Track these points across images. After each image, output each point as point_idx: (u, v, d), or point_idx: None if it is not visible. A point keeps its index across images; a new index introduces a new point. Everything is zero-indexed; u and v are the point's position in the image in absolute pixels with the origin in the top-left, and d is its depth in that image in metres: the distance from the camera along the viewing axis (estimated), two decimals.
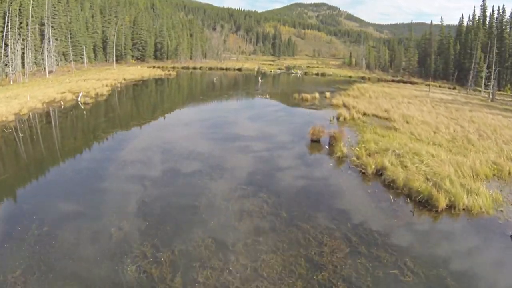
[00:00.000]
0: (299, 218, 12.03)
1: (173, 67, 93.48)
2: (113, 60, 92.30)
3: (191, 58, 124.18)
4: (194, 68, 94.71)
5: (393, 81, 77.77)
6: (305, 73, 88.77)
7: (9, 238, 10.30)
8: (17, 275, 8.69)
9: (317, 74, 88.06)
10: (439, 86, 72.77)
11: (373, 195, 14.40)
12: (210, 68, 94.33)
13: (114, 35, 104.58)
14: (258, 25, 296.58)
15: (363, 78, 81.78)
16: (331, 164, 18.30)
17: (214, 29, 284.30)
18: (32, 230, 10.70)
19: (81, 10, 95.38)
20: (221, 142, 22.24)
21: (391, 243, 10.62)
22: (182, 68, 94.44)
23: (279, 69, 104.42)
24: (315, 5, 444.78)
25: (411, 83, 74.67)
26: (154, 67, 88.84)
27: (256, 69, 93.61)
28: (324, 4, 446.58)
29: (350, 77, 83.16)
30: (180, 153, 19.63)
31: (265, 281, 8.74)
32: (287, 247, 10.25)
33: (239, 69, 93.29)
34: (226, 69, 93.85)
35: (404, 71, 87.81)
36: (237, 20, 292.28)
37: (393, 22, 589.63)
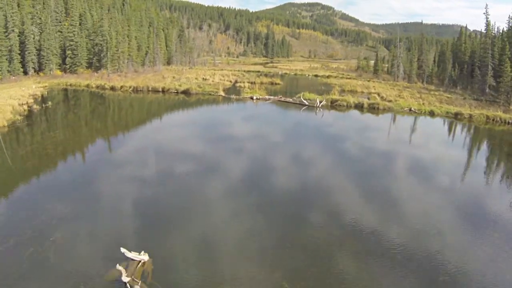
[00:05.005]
0: None
1: (88, 85, 47.48)
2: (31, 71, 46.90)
3: (143, 65, 77.72)
4: (113, 88, 48.11)
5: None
6: (332, 103, 38.84)
7: None
8: None
9: (360, 107, 36.92)
10: None
11: None
12: (136, 90, 47.39)
13: (34, 36, 59.01)
14: (249, 25, 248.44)
15: (457, 116, 34.85)
16: None
17: (201, 28, 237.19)
18: None
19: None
20: None
21: None
22: (97, 87, 48.14)
23: (273, 82, 57.53)
24: (309, 4, 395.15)
25: None
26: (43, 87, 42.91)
27: (220, 90, 44.75)
28: (318, 4, 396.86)
29: (431, 113, 35.87)
30: None
31: None
32: None
33: (186, 92, 45.40)
34: (164, 91, 46.59)
35: (488, 89, 41.24)
36: (226, 19, 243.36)
37: (387, 22, 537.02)
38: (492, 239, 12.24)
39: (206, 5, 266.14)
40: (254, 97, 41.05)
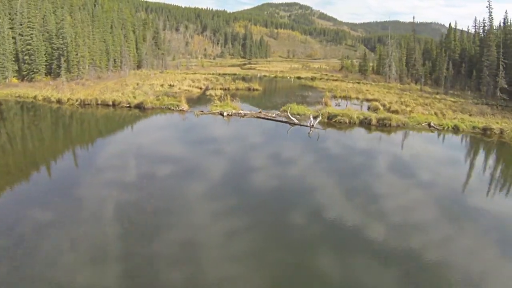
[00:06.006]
0: None
1: (36, 97, 38.14)
2: None
3: (108, 70, 68.36)
4: (59, 101, 38.95)
5: None
6: (330, 119, 28.57)
7: None
8: None
9: (367, 124, 27.38)
10: None
11: None
12: (83, 104, 38.14)
13: None
14: (227, 25, 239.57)
15: (485, 132, 26.73)
16: None
17: (177, 30, 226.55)
18: None
19: None
20: None
21: None
22: (44, 100, 38.95)
23: (250, 88, 49.39)
24: (287, 4, 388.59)
25: None
26: None
27: (183, 103, 33.08)
28: (296, 4, 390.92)
29: (455, 129, 26.91)
30: None
31: None
32: None
33: (140, 106, 35.73)
34: (114, 104, 37.51)
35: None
36: (203, 20, 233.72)
37: (365, 21, 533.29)
38: None
39: (183, 6, 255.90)
40: (225, 113, 30.70)
